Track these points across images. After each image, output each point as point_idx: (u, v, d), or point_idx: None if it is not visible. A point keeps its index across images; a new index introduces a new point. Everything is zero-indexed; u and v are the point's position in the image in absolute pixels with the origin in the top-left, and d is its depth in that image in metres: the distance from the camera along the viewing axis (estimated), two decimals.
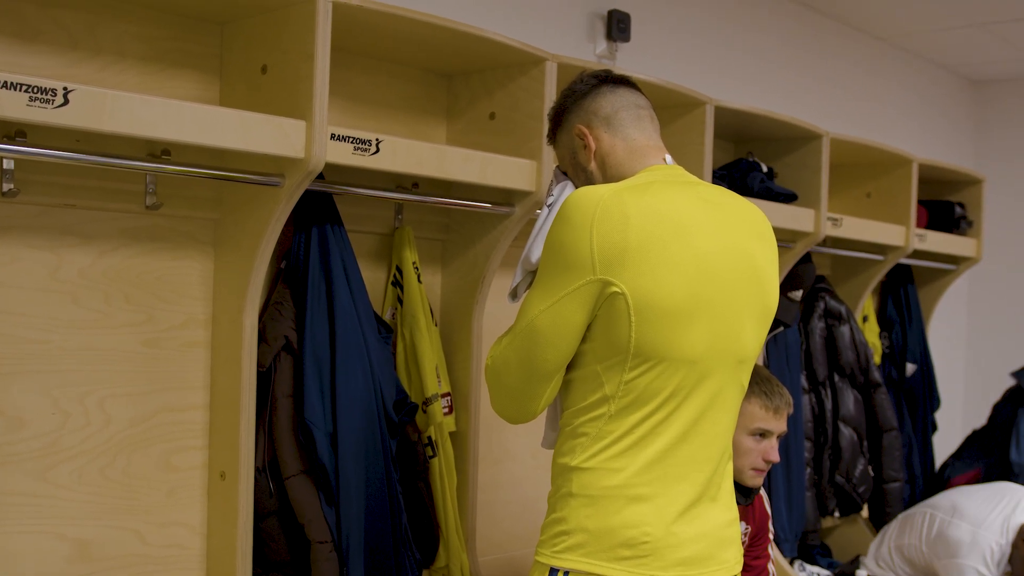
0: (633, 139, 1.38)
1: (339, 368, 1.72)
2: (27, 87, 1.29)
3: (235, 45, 1.70)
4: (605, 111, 1.38)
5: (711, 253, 1.26)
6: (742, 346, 1.31)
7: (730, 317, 1.28)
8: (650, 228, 1.22)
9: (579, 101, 1.40)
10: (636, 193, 1.25)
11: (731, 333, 1.29)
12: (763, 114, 2.46)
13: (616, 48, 2.54)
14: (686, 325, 1.24)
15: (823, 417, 2.87)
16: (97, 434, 1.60)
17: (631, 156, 1.37)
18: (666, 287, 1.22)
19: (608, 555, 1.24)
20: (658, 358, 1.23)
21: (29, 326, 1.52)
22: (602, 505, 1.25)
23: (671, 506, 1.26)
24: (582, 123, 1.39)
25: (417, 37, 1.82)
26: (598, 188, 1.26)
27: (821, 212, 2.62)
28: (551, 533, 1.29)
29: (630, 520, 1.24)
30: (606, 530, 1.24)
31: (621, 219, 1.21)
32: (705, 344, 1.26)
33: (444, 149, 1.81)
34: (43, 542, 1.54)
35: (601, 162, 1.38)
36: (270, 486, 1.70)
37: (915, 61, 3.84)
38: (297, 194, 1.60)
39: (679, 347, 1.24)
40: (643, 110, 1.40)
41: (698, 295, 1.24)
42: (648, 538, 1.24)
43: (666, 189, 1.29)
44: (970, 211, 3.37)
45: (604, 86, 1.40)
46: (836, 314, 2.91)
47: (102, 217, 1.60)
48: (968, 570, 2.57)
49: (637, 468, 1.25)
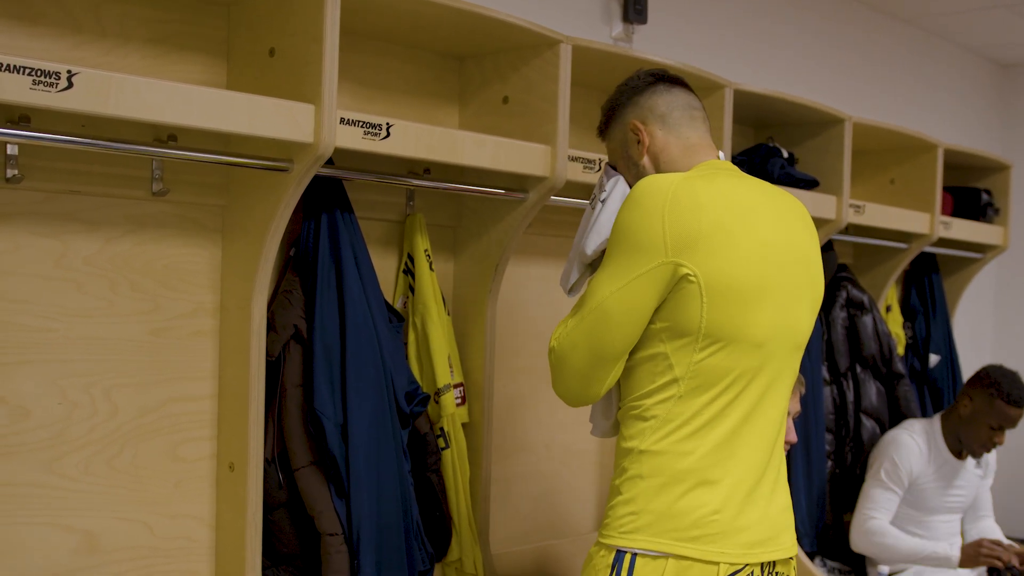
0: (687, 137, 1.42)
1: (349, 357, 1.69)
2: (30, 70, 1.27)
3: (242, 27, 1.66)
4: (660, 109, 1.43)
5: (772, 240, 1.32)
6: (799, 331, 1.37)
7: (790, 302, 1.33)
8: (720, 214, 1.28)
9: (634, 97, 1.45)
10: (705, 181, 1.31)
11: (791, 318, 1.34)
12: (784, 98, 2.40)
13: (633, 30, 2.48)
14: (753, 307, 1.29)
15: (844, 409, 2.82)
16: (104, 424, 1.58)
17: (684, 153, 1.41)
18: (735, 270, 1.27)
19: (678, 535, 1.27)
20: (727, 339, 1.28)
21: (34, 314, 1.50)
22: (672, 487, 1.28)
23: (738, 488, 1.30)
24: (637, 119, 1.43)
25: (428, 19, 1.78)
26: (668, 176, 1.31)
27: (843, 199, 2.57)
28: (618, 514, 1.31)
29: (700, 501, 1.28)
30: (676, 512, 1.28)
31: (693, 205, 1.27)
32: (770, 327, 1.31)
33: (456, 134, 1.77)
34: (50, 533, 1.52)
35: (654, 158, 1.42)
36: (279, 477, 1.68)
37: (941, 44, 3.75)
38: (306, 180, 1.57)
39: (747, 329, 1.28)
40: (696, 111, 1.45)
41: (763, 279, 1.30)
42: (717, 518, 1.28)
43: (730, 179, 1.35)
44: (997, 198, 3.29)
45: (660, 84, 1.45)
46: (858, 303, 2.85)
47: (108, 204, 1.57)
48: (896, 428, 2.68)
49: (705, 450, 1.29)
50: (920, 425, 2.67)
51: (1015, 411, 2.49)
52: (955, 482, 2.64)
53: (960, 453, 2.63)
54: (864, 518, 2.58)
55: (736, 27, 2.86)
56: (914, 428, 2.66)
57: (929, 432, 2.64)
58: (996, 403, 2.49)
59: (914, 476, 2.60)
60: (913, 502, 2.63)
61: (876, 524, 2.55)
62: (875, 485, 2.60)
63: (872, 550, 2.57)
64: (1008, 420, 2.50)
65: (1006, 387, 2.49)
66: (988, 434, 2.52)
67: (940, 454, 2.62)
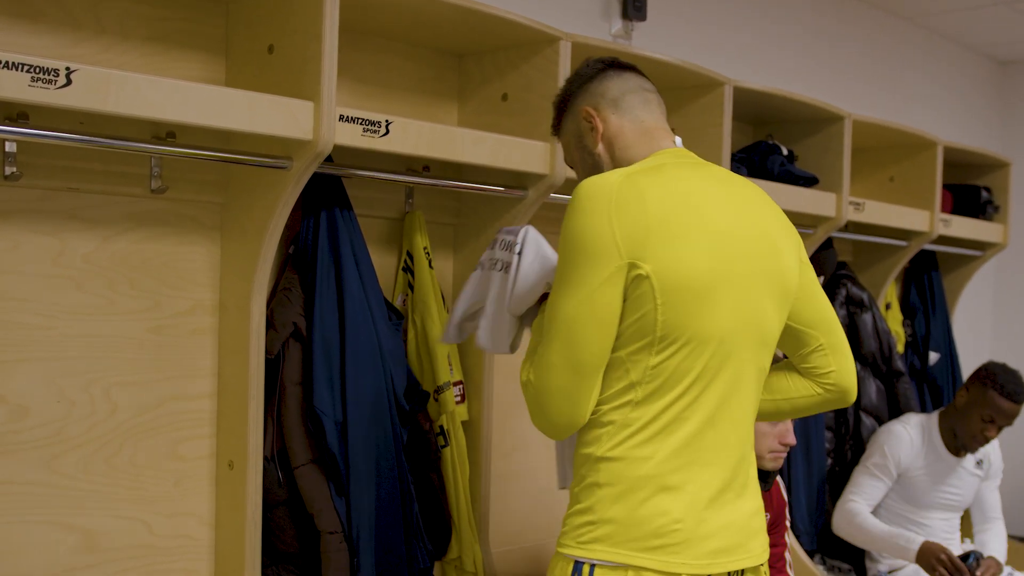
0: (642, 120, 1.36)
1: (349, 355, 1.69)
2: (29, 67, 1.26)
3: (241, 25, 1.66)
4: (612, 93, 1.37)
5: (728, 231, 1.26)
6: (764, 327, 1.29)
7: (751, 295, 1.27)
8: (668, 208, 1.22)
9: (585, 85, 1.39)
10: (649, 175, 1.25)
11: (753, 312, 1.27)
12: (783, 95, 2.40)
13: (632, 27, 2.48)
14: (710, 303, 1.23)
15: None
16: (103, 423, 1.57)
17: (640, 139, 1.35)
18: (688, 265, 1.21)
19: (637, 545, 1.21)
20: (685, 339, 1.22)
21: (32, 312, 1.50)
22: (631, 495, 1.22)
23: (701, 494, 1.24)
24: (589, 105, 1.37)
25: (427, 16, 1.78)
26: (608, 175, 1.25)
27: (843, 196, 2.56)
28: (575, 524, 1.25)
29: (660, 509, 1.22)
30: (635, 520, 1.22)
31: (638, 202, 1.21)
32: (729, 322, 1.25)
33: (455, 131, 1.76)
34: (49, 532, 1.52)
35: (609, 144, 1.36)
36: (279, 475, 1.67)
37: (940, 41, 3.74)
38: (305, 177, 1.57)
39: (704, 326, 1.23)
40: (650, 93, 1.39)
41: (718, 272, 1.23)
42: (679, 526, 1.22)
43: (677, 170, 1.29)
44: (996, 195, 3.29)
45: (610, 70, 1.39)
46: (858, 301, 2.85)
47: (106, 201, 1.57)
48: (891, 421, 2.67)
49: (665, 455, 1.23)
50: (917, 419, 2.68)
51: (1007, 404, 2.49)
52: (949, 479, 2.64)
53: (958, 451, 2.63)
54: (844, 500, 2.60)
55: (735, 24, 2.86)
56: (909, 421, 2.67)
57: (925, 426, 2.65)
58: (989, 393, 2.49)
59: (903, 467, 2.61)
60: (906, 496, 2.64)
61: (853, 506, 2.57)
62: (862, 472, 2.63)
63: (848, 531, 2.58)
64: (1000, 413, 2.49)
65: (1001, 379, 2.49)
66: (980, 426, 2.52)
67: (934, 449, 2.63)
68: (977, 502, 2.76)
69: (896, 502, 2.65)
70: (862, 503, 2.58)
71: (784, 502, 2.05)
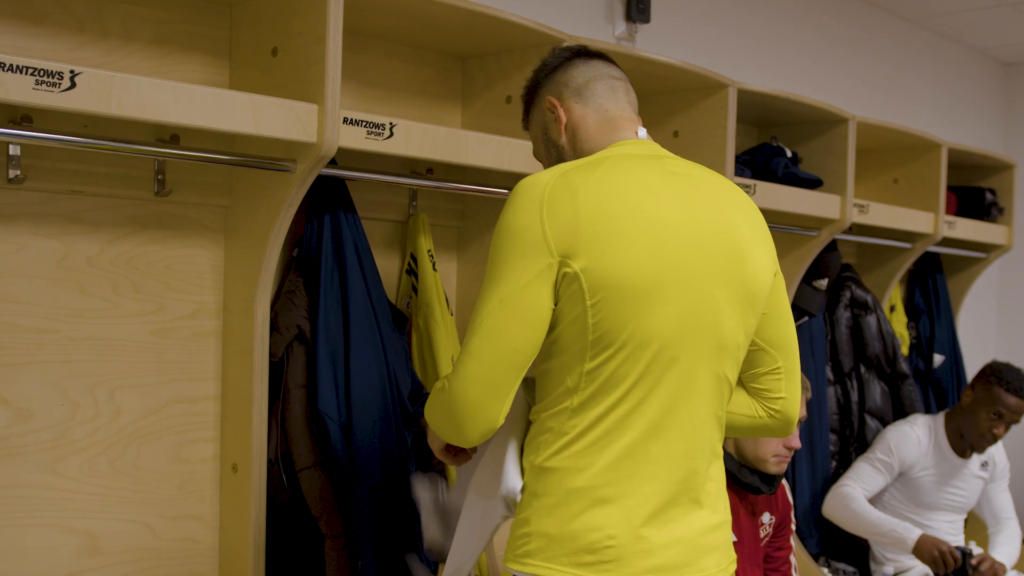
0: (606, 110, 1.31)
1: (353, 358, 1.68)
2: (33, 70, 1.26)
3: (245, 27, 1.66)
4: (577, 81, 1.32)
5: (675, 227, 1.18)
6: (720, 331, 1.20)
7: (704, 297, 1.19)
8: (601, 203, 1.15)
9: (550, 75, 1.35)
10: (584, 171, 1.19)
11: (705, 315, 1.19)
12: (787, 97, 2.39)
13: (636, 29, 2.48)
14: (648, 305, 1.15)
15: (849, 409, 2.81)
16: (107, 426, 1.57)
17: (602, 129, 1.30)
18: (621, 263, 1.14)
19: (570, 560, 1.15)
20: (620, 342, 1.15)
21: (36, 315, 1.50)
22: (564, 507, 1.16)
23: (640, 508, 1.17)
24: (553, 95, 1.33)
25: (431, 18, 1.78)
26: (544, 172, 1.20)
27: (847, 198, 2.56)
28: (515, 535, 1.21)
29: (593, 523, 1.15)
30: (568, 534, 1.16)
31: (570, 197, 1.15)
32: (673, 326, 1.16)
33: (459, 133, 1.76)
34: (53, 535, 1.52)
35: (572, 135, 1.31)
36: (283, 479, 1.67)
37: (944, 43, 3.74)
38: (309, 180, 1.56)
39: (642, 328, 1.15)
40: (617, 81, 1.33)
41: (661, 271, 1.16)
42: (612, 543, 1.15)
43: (622, 163, 1.21)
44: (1001, 197, 3.28)
45: (576, 59, 1.35)
46: (862, 303, 2.84)
47: (110, 204, 1.57)
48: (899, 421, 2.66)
49: (602, 466, 1.16)
50: (923, 419, 2.68)
51: (1013, 399, 2.49)
52: (954, 481, 2.63)
53: (964, 452, 2.62)
54: (838, 484, 2.58)
55: (739, 26, 2.85)
56: (916, 421, 2.67)
57: (931, 426, 2.64)
58: (995, 390, 2.49)
59: (907, 465, 2.60)
60: (910, 495, 2.63)
61: (848, 490, 2.55)
62: (863, 461, 2.62)
63: (838, 514, 2.56)
64: (1006, 408, 2.50)
65: (1007, 376, 2.51)
66: (987, 423, 2.52)
67: (940, 449, 2.62)
68: (987, 505, 2.75)
69: (901, 503, 2.64)
70: (858, 489, 2.56)
71: (789, 505, 2.05)
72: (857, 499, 2.54)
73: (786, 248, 2.63)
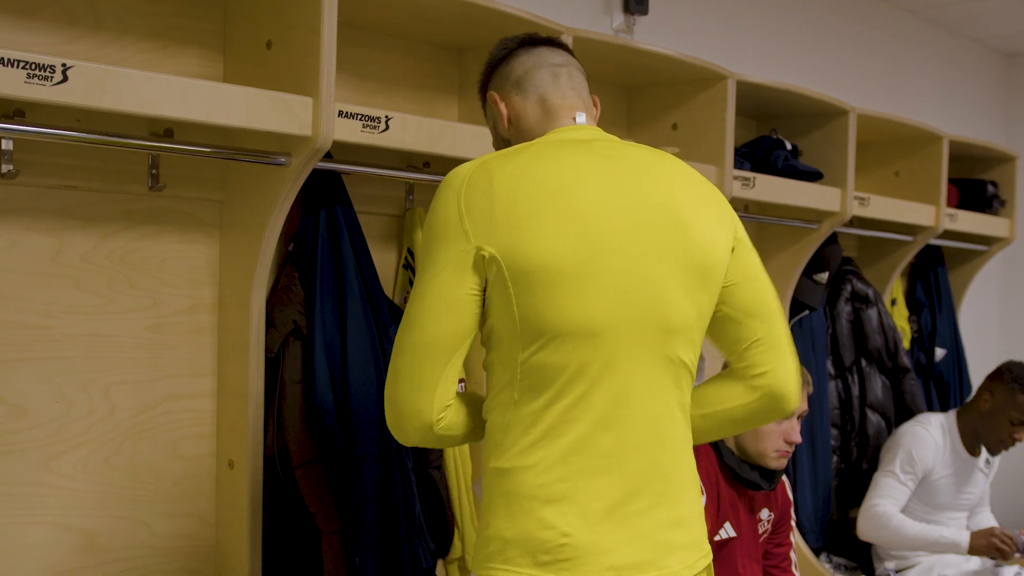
0: (545, 99, 1.28)
1: (349, 353, 1.67)
2: (25, 63, 1.25)
3: (239, 20, 1.64)
4: (517, 73, 1.30)
5: (603, 208, 1.14)
6: (666, 312, 1.16)
7: (641, 278, 1.15)
8: (518, 189, 1.14)
9: (496, 68, 1.33)
10: (504, 159, 1.18)
11: (645, 297, 1.15)
12: (787, 89, 2.38)
13: (634, 21, 2.46)
14: (575, 290, 1.12)
15: (850, 403, 2.80)
16: (102, 423, 1.56)
17: (542, 118, 1.28)
18: (541, 249, 1.11)
19: (528, 560, 1.13)
20: (552, 331, 1.12)
21: (30, 311, 1.48)
22: (516, 507, 1.14)
23: (594, 503, 1.13)
24: (495, 89, 1.32)
25: (426, 10, 1.76)
26: (467, 163, 1.20)
27: (848, 191, 2.54)
28: (478, 540, 1.19)
29: (546, 522, 1.12)
30: (522, 535, 1.13)
31: (486, 185, 1.15)
32: (606, 310, 1.13)
33: (456, 126, 1.75)
34: (48, 533, 1.51)
35: (515, 127, 1.30)
36: (280, 475, 1.66)
37: (944, 34, 3.72)
38: (304, 173, 1.55)
39: (572, 317, 1.12)
40: (561, 67, 1.30)
41: (586, 255, 1.12)
42: (567, 540, 1.12)
43: (547, 149, 1.19)
44: (1003, 190, 3.27)
45: (519, 49, 1.32)
46: (863, 297, 2.83)
47: (104, 199, 1.55)
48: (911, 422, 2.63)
49: (551, 462, 1.13)
50: (935, 420, 2.64)
51: None
52: (969, 479, 2.61)
53: (974, 450, 2.60)
54: (870, 505, 2.55)
55: (738, 18, 2.84)
56: (929, 422, 2.63)
57: (945, 428, 2.61)
58: (1018, 398, 2.46)
59: (928, 470, 2.57)
60: (924, 497, 2.61)
61: (882, 509, 2.52)
62: (886, 475, 2.58)
63: (877, 534, 2.53)
64: None
65: None
66: (1008, 429, 2.49)
67: (955, 451, 2.59)
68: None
69: (914, 503, 2.61)
70: (891, 506, 2.52)
71: (789, 501, 2.04)
72: (894, 516, 2.50)
73: (786, 241, 2.62)
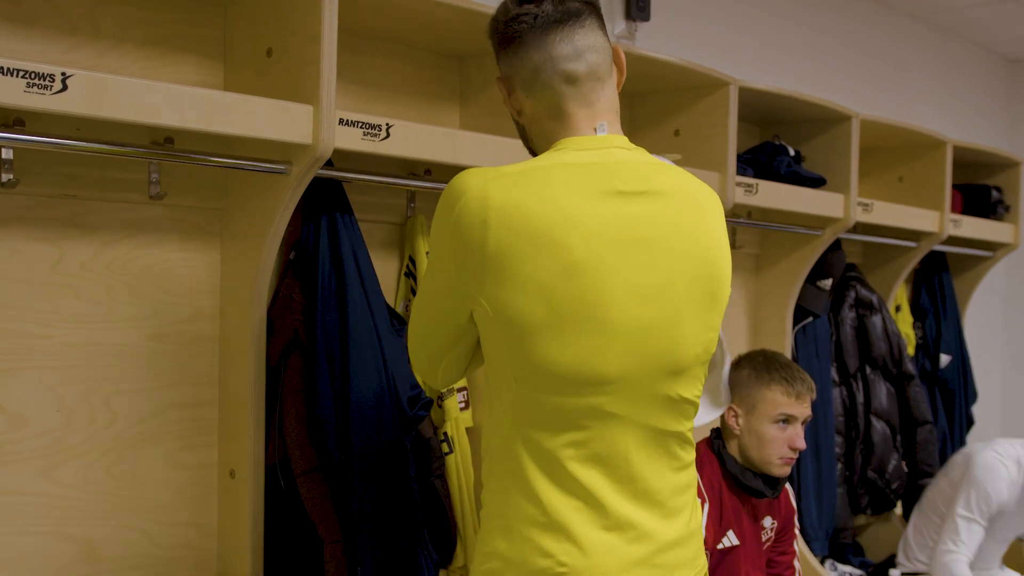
0: (562, 108, 1.15)
1: (351, 362, 1.66)
2: (24, 72, 1.25)
3: (239, 27, 1.64)
4: (525, 70, 1.14)
5: (605, 262, 1.08)
6: (677, 356, 1.13)
7: (663, 324, 1.11)
8: (513, 228, 1.06)
9: (501, 49, 1.18)
10: (504, 187, 1.08)
11: (654, 347, 1.11)
12: (790, 95, 2.37)
13: (636, 27, 2.46)
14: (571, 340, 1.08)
15: (854, 410, 2.78)
16: (103, 432, 1.55)
17: (557, 128, 1.16)
18: (527, 306, 1.06)
19: None
20: (541, 376, 1.10)
21: (30, 321, 1.48)
22: (513, 530, 1.12)
23: (591, 533, 1.11)
24: (504, 78, 1.19)
25: (427, 17, 1.76)
26: (473, 176, 1.11)
27: (851, 197, 2.53)
28: (478, 553, 1.18)
29: (544, 549, 1.11)
30: (520, 559, 1.12)
31: (480, 220, 1.07)
32: (617, 365, 1.10)
33: (457, 134, 1.74)
34: (49, 542, 1.50)
35: (530, 127, 1.21)
36: (281, 484, 1.65)
37: (948, 39, 3.71)
38: (305, 181, 1.55)
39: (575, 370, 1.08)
40: (575, 63, 1.13)
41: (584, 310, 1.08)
42: (564, 570, 1.10)
43: (551, 177, 1.09)
44: (1007, 195, 3.26)
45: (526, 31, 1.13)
46: (867, 303, 2.82)
47: (104, 208, 1.55)
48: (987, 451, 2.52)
49: (547, 493, 1.11)
50: (1013, 451, 2.53)
51: None
52: None
53: None
54: (946, 551, 2.46)
55: (741, 24, 2.83)
56: (1005, 453, 2.53)
57: (1020, 460, 2.52)
58: None
59: (1003, 505, 2.49)
60: (992, 531, 2.53)
61: (957, 565, 2.43)
62: (963, 516, 2.48)
63: None
64: None
65: None
66: None
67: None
68: None
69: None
70: (964, 556, 2.43)
71: (793, 509, 2.02)
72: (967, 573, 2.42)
73: (789, 248, 2.61)
